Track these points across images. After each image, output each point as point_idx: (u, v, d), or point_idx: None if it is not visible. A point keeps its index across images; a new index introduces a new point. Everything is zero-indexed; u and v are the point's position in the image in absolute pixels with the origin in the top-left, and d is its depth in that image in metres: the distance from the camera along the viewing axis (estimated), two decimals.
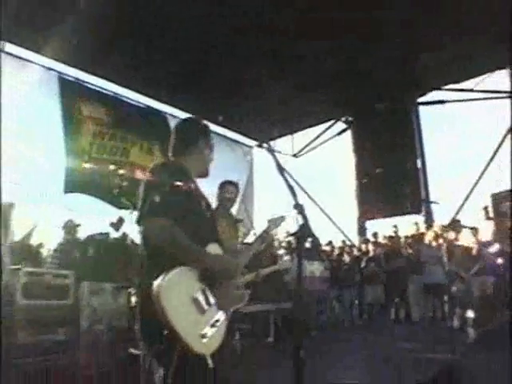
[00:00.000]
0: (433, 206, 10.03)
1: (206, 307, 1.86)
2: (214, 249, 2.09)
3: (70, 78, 8.56)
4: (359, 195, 11.52)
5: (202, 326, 1.82)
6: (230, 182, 4.29)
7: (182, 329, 1.71)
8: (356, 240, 11.52)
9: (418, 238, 9.46)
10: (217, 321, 1.91)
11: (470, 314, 7.07)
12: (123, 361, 5.00)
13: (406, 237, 9.92)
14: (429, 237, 8.73)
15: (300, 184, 11.93)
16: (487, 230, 8.06)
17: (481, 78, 9.47)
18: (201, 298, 1.85)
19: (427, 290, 8.38)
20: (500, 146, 8.83)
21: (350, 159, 11.84)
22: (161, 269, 1.79)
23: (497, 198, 6.91)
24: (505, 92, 9.37)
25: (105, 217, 7.58)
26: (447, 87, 10.17)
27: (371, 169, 10.99)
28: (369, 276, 9.50)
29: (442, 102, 10.22)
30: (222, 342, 1.93)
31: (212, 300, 1.91)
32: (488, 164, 8.91)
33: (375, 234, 10.63)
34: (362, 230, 11.48)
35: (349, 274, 9.68)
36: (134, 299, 6.00)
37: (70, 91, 8.42)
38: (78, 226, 6.49)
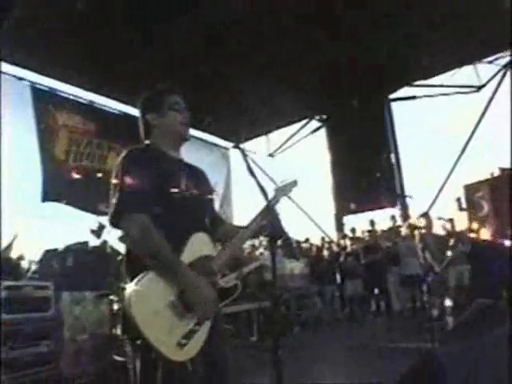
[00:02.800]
0: (408, 199, 10.23)
1: (183, 309, 1.65)
2: (199, 239, 1.85)
3: (43, 88, 8.52)
4: (336, 191, 11.69)
5: (180, 332, 1.63)
6: None
7: (155, 340, 1.55)
8: (334, 236, 11.66)
9: (394, 231, 9.66)
10: (198, 323, 1.69)
11: (448, 302, 7.29)
12: (108, 368, 5.06)
13: (383, 230, 10.12)
14: (404, 229, 8.94)
15: (277, 183, 11.99)
16: (460, 221, 8.31)
17: (450, 73, 9.72)
18: (178, 300, 1.65)
19: (405, 282, 8.57)
20: (470, 138, 9.08)
21: (325, 156, 12.03)
22: (139, 269, 1.63)
23: (469, 189, 7.10)
24: (472, 86, 9.65)
25: (85, 224, 7.57)
26: (418, 83, 10.41)
27: (346, 164, 11.16)
28: (348, 270, 9.63)
29: (413, 97, 10.46)
30: (210, 342, 1.75)
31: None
32: (459, 156, 9.16)
33: (353, 230, 10.79)
34: (339, 226, 11.65)
35: (328, 270, 9.83)
36: (115, 306, 6.08)
37: (44, 100, 8.41)
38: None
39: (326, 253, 10.38)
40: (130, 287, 1.58)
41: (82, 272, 5.58)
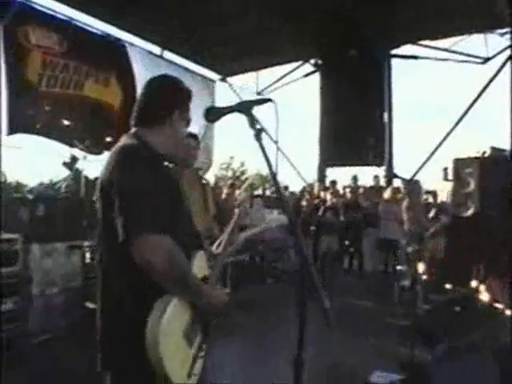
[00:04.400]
0: (394, 161, 10.05)
1: (193, 337, 1.59)
2: (200, 258, 1.75)
3: None
4: (322, 141, 11.33)
5: (189, 362, 1.56)
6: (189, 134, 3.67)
7: (174, 373, 1.44)
8: (315, 187, 11.48)
9: (377, 191, 9.55)
10: (200, 347, 1.64)
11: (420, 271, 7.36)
12: (80, 319, 4.92)
13: (365, 189, 10.00)
14: (387, 193, 8.83)
15: (261, 124, 11.61)
16: (443, 191, 8.27)
17: (457, 39, 9.15)
18: (189, 328, 1.56)
19: (382, 245, 8.61)
20: (467, 110, 8.75)
21: (315, 103, 11.50)
22: (149, 292, 1.44)
23: (459, 164, 6.92)
24: (478, 57, 9.13)
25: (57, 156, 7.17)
26: (422, 43, 9.81)
27: (337, 115, 10.71)
28: (325, 225, 9.57)
29: (415, 57, 9.92)
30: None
31: (196, 325, 1.62)
32: (453, 128, 8.89)
33: (334, 183, 10.62)
34: (321, 177, 11.44)
35: (305, 224, 9.76)
36: (88, 255, 5.88)
37: (15, 14, 7.27)
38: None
39: (304, 203, 10.24)
40: (153, 324, 1.39)
41: (54, 222, 5.27)
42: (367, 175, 10.39)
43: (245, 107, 1.60)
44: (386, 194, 8.81)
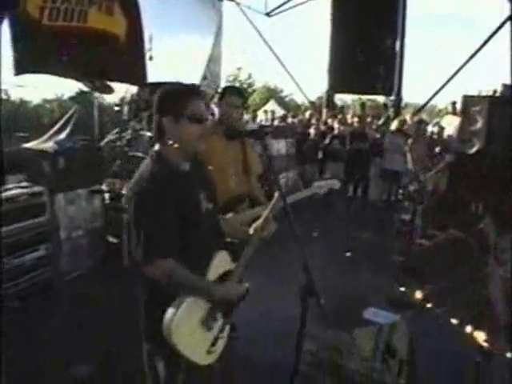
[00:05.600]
0: (404, 93, 9.90)
1: (212, 323, 1.85)
2: (221, 258, 1.97)
3: None
4: (331, 67, 11.06)
5: (208, 342, 1.84)
6: (237, 91, 3.29)
7: (191, 354, 1.75)
8: (323, 113, 11.46)
9: (384, 121, 9.57)
10: (222, 329, 1.92)
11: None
12: (103, 255, 5.51)
13: (373, 117, 9.99)
14: (394, 124, 8.88)
15: (270, 45, 11.35)
16: (450, 125, 8.31)
17: None
18: (208, 317, 1.82)
19: (386, 176, 8.84)
20: (481, 47, 8.40)
21: (326, 27, 11.04)
22: (165, 295, 1.73)
23: (468, 101, 6.91)
24: None
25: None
26: None
27: (347, 41, 10.35)
28: (332, 153, 9.70)
29: None
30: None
31: (218, 312, 1.88)
32: (465, 63, 8.59)
33: (342, 109, 10.60)
34: (329, 103, 11.34)
35: (312, 151, 9.91)
36: (107, 197, 6.26)
37: None
38: None
39: (312, 132, 10.29)
40: (169, 316, 1.68)
41: (74, 171, 5.52)
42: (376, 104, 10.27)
43: (259, 135, 2.19)
44: (393, 126, 8.88)
